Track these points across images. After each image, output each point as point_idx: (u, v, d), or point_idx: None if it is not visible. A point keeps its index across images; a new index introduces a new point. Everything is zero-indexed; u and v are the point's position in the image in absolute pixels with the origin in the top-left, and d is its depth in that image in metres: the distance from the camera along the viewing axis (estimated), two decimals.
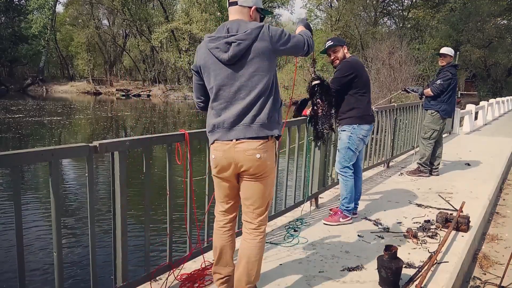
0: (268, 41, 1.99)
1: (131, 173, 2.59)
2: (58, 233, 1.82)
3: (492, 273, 3.01)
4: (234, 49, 1.95)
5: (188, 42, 38.52)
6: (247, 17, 2.11)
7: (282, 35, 2.03)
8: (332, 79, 3.44)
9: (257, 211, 2.11)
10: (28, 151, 1.71)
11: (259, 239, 2.11)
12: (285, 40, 2.04)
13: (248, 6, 2.11)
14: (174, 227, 2.51)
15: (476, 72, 32.85)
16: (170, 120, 22.25)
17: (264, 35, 1.99)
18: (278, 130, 2.10)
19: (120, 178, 2.04)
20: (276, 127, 2.08)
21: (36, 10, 42.60)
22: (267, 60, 2.01)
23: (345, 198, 3.51)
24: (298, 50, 2.12)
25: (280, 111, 2.14)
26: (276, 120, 2.07)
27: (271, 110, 2.03)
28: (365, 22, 37.14)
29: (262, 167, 2.04)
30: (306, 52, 2.15)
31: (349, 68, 3.37)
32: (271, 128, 2.04)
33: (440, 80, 5.20)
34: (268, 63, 2.01)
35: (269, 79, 2.02)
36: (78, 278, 4.08)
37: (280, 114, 2.13)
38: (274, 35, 2.01)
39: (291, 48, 2.08)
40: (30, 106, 25.19)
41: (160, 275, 2.44)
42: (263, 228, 2.13)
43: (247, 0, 2.11)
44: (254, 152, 2.00)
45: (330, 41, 3.48)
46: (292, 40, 2.08)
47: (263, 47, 1.98)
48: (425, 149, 5.42)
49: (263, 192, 2.09)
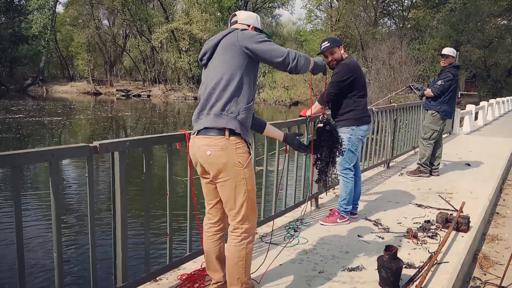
0: (235, 38, 1.99)
1: (131, 173, 2.59)
2: (58, 233, 1.82)
3: (492, 274, 3.01)
4: (204, 47, 2.10)
5: (188, 42, 38.54)
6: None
7: (256, 36, 2.00)
8: (330, 82, 3.41)
9: (231, 213, 2.05)
10: (28, 151, 1.71)
11: (234, 242, 2.04)
12: (258, 40, 1.98)
13: (247, 24, 2.17)
14: (174, 227, 2.51)
15: (476, 72, 32.87)
16: (170, 120, 22.25)
17: (234, 33, 2.01)
18: (234, 125, 1.97)
19: (120, 178, 2.04)
20: (233, 123, 1.96)
21: (36, 11, 42.64)
22: (230, 54, 1.99)
23: (344, 199, 3.51)
24: (273, 57, 1.99)
25: (246, 112, 2.01)
26: (234, 115, 1.97)
27: (227, 103, 1.96)
28: (365, 23, 37.17)
29: (216, 167, 1.97)
30: (284, 65, 2.01)
31: (347, 72, 3.34)
32: (225, 121, 1.96)
33: (441, 80, 5.19)
34: (230, 57, 1.98)
35: (231, 73, 1.97)
36: (78, 278, 4.08)
37: (245, 114, 2.01)
38: (246, 34, 2.00)
39: (264, 50, 1.98)
40: (30, 106, 25.20)
41: (160, 275, 2.44)
42: (239, 232, 2.04)
43: (246, 19, 2.18)
44: (205, 149, 1.98)
45: (327, 42, 3.40)
46: (267, 44, 1.99)
47: (229, 42, 2.01)
48: (425, 149, 5.42)
49: (229, 196, 2.01)
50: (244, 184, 1.99)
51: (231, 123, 1.96)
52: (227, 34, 2.04)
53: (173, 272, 2.51)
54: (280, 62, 1.99)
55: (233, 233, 2.05)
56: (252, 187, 2.04)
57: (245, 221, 2.03)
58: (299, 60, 2.02)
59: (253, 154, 2.81)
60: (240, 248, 2.03)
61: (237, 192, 1.99)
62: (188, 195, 2.49)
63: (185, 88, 39.76)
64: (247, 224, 2.04)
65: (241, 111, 1.99)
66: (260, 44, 1.98)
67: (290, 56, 2.00)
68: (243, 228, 2.03)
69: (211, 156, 1.96)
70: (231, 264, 2.05)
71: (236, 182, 1.98)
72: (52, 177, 1.79)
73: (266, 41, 2.00)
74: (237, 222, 2.03)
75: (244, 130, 2.02)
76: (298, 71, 2.05)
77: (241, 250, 2.03)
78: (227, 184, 1.99)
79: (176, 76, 41.98)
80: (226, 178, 1.98)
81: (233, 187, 1.99)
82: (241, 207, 2.01)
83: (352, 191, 3.53)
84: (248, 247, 2.05)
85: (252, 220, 2.06)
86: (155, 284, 2.38)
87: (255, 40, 1.98)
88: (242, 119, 1.99)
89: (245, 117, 2.01)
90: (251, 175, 2.04)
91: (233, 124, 1.96)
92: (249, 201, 2.02)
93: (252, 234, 2.08)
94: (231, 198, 2.00)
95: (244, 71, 1.99)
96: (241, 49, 1.98)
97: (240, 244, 2.03)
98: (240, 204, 2.01)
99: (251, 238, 2.07)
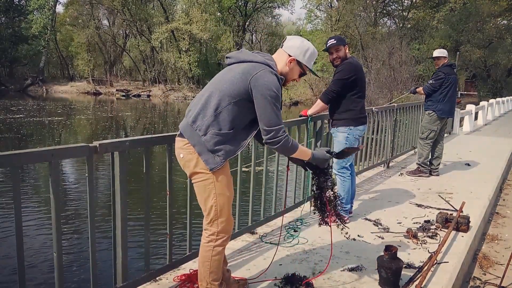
0: (252, 73, 1.90)
1: (131, 173, 2.59)
2: (58, 233, 1.82)
3: (492, 273, 3.01)
4: (236, 54, 2.06)
5: (188, 42, 38.54)
6: (283, 63, 2.07)
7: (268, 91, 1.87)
8: (333, 80, 3.42)
9: (204, 213, 2.06)
10: (28, 151, 1.71)
11: (203, 242, 2.06)
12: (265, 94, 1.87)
13: (288, 54, 2.07)
14: (174, 227, 2.51)
15: (476, 72, 32.86)
16: (170, 120, 22.25)
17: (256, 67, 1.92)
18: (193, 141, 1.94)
19: (120, 178, 2.04)
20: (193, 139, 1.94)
21: (36, 10, 42.63)
22: (236, 78, 1.91)
23: (342, 198, 3.51)
24: (262, 118, 1.90)
25: (216, 138, 1.92)
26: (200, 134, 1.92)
27: (200, 117, 1.93)
28: (365, 23, 37.17)
29: (188, 170, 2.01)
30: (264, 134, 1.92)
31: (351, 70, 3.35)
32: (189, 134, 1.95)
33: (432, 80, 5.34)
34: (233, 82, 1.91)
35: (222, 94, 1.92)
36: (78, 278, 4.08)
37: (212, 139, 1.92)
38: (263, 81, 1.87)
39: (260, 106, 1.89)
40: (30, 106, 25.20)
41: (160, 275, 2.44)
42: (208, 233, 2.03)
43: (291, 48, 2.07)
44: (179, 151, 2.02)
45: (333, 39, 3.42)
46: (269, 105, 1.87)
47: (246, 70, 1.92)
48: (423, 149, 5.44)
49: (200, 197, 2.03)
50: (213, 188, 1.97)
51: (193, 139, 1.94)
52: (253, 61, 1.96)
53: (173, 272, 2.51)
54: (263, 128, 1.91)
55: (204, 232, 2.08)
56: (222, 191, 1.99)
57: (213, 223, 2.02)
58: (280, 144, 1.93)
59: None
60: (207, 249, 2.04)
61: (206, 194, 2.00)
62: (188, 195, 2.49)
63: (185, 88, 39.76)
64: (215, 227, 2.02)
65: (209, 133, 1.92)
66: (263, 99, 1.88)
67: (275, 134, 1.91)
68: (211, 231, 2.03)
69: (183, 158, 2.00)
70: (200, 261, 2.09)
71: (205, 184, 1.98)
72: (52, 177, 1.79)
73: (272, 102, 1.88)
74: (207, 223, 2.04)
75: (202, 150, 1.93)
76: (272, 148, 1.98)
77: (208, 251, 2.04)
78: (197, 186, 2.01)
79: (176, 76, 41.98)
80: (196, 180, 2.00)
81: (202, 189, 2.00)
82: (210, 209, 2.00)
83: (350, 189, 3.54)
84: (215, 250, 2.03)
85: (221, 224, 2.01)
86: (155, 284, 2.38)
87: (263, 93, 1.87)
88: (206, 141, 1.92)
89: (209, 140, 1.92)
90: (222, 179, 1.99)
91: (193, 141, 1.94)
92: (218, 205, 1.99)
93: (221, 239, 2.03)
94: (201, 200, 2.02)
95: (236, 101, 1.91)
96: (247, 84, 1.89)
97: (207, 245, 2.04)
98: (209, 206, 2.00)
99: (220, 242, 2.04)
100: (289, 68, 2.07)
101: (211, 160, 1.94)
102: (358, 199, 4.21)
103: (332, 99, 3.46)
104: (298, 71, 2.12)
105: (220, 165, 1.95)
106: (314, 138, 3.81)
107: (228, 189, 2.03)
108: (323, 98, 3.49)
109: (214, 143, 1.92)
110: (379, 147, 5.60)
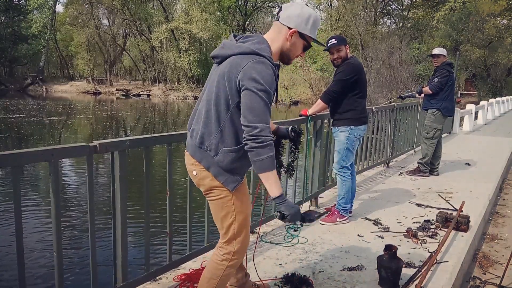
0: (238, 69, 1.65)
1: (131, 173, 2.59)
2: (58, 233, 1.82)
3: (492, 273, 3.02)
4: (218, 51, 1.79)
5: (188, 42, 38.54)
6: (283, 39, 1.77)
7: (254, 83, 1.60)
8: (334, 80, 3.42)
9: (220, 232, 1.90)
10: (28, 151, 1.71)
11: (215, 258, 1.91)
12: (251, 88, 1.61)
13: (287, 26, 1.76)
14: (174, 226, 2.51)
15: (476, 72, 32.86)
16: (170, 119, 22.25)
17: (242, 59, 1.66)
18: (207, 163, 1.76)
19: (120, 178, 2.04)
20: (207, 161, 1.76)
21: (36, 10, 42.61)
22: (225, 80, 1.68)
23: (343, 198, 3.52)
24: (244, 115, 1.63)
25: (227, 155, 1.74)
26: (212, 154, 1.75)
27: (207, 138, 1.75)
28: (365, 22, 37.17)
29: (203, 187, 1.84)
30: (249, 132, 1.61)
31: (352, 71, 3.34)
32: (200, 155, 1.78)
33: (437, 78, 5.25)
34: (224, 86, 1.69)
35: (217, 105, 1.71)
36: (78, 278, 4.08)
37: (224, 157, 1.74)
38: (249, 72, 1.62)
39: (244, 102, 1.63)
40: (30, 106, 25.19)
41: (160, 275, 2.44)
42: (223, 251, 1.88)
43: (289, 18, 1.75)
44: (191, 168, 1.84)
45: (334, 39, 3.40)
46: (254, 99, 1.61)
47: (232, 65, 1.68)
48: (428, 148, 5.41)
49: (216, 215, 1.87)
50: (232, 206, 1.82)
51: (205, 161, 1.77)
52: (242, 53, 1.69)
53: (173, 271, 2.52)
54: (245, 124, 1.63)
55: (218, 250, 1.92)
56: (241, 209, 1.84)
57: (230, 243, 1.87)
58: (260, 146, 1.61)
59: None
60: (219, 267, 1.89)
61: (223, 213, 1.84)
62: (188, 195, 2.49)
63: (185, 87, 39.76)
64: (232, 246, 1.87)
65: (220, 152, 1.74)
66: (249, 93, 1.61)
67: (259, 132, 1.60)
68: (227, 250, 1.88)
69: (197, 176, 1.83)
70: (205, 276, 1.94)
71: (223, 202, 1.82)
72: (52, 177, 1.79)
73: (259, 96, 1.61)
74: (223, 242, 1.89)
75: (217, 171, 1.77)
76: (250, 148, 1.62)
77: (219, 269, 1.89)
78: (214, 203, 1.85)
79: (176, 76, 41.97)
80: (213, 197, 1.84)
81: (218, 207, 1.84)
82: (228, 228, 1.85)
83: (350, 189, 3.55)
84: (227, 270, 1.90)
85: (237, 244, 1.87)
86: (155, 284, 2.38)
87: (249, 86, 1.61)
88: (219, 161, 1.74)
89: (223, 160, 1.74)
90: (241, 197, 1.84)
91: (206, 163, 1.77)
92: (237, 224, 1.84)
93: (235, 259, 1.90)
94: (218, 218, 1.87)
95: (234, 106, 1.69)
96: (237, 83, 1.65)
97: (221, 263, 1.89)
98: (227, 225, 1.85)
99: (234, 262, 1.90)
100: (290, 43, 1.78)
101: (229, 179, 1.78)
102: (358, 199, 4.21)
103: (332, 99, 3.46)
104: (302, 44, 1.81)
105: (240, 181, 1.81)
106: (314, 137, 3.82)
107: (247, 207, 1.90)
108: (324, 98, 3.49)
109: (230, 161, 1.75)
110: (379, 147, 5.60)
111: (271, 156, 1.64)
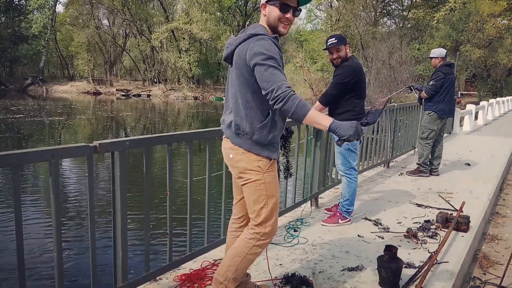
0: (245, 53, 1.82)
1: (131, 173, 2.59)
2: (58, 233, 1.82)
3: (492, 273, 3.02)
4: (226, 50, 1.96)
5: (188, 42, 38.59)
6: (262, 16, 1.95)
7: (260, 56, 1.76)
8: (332, 83, 3.39)
9: (251, 215, 2.01)
10: (28, 151, 1.71)
11: (244, 236, 2.01)
12: (259, 62, 1.76)
13: (262, 3, 1.93)
14: (174, 227, 2.51)
15: (476, 72, 32.87)
16: (170, 120, 22.25)
17: (246, 44, 1.83)
18: (247, 146, 1.92)
19: (120, 178, 2.04)
20: (247, 144, 1.92)
21: (36, 10, 42.72)
22: (238, 69, 1.87)
23: (347, 199, 3.50)
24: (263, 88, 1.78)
25: (261, 131, 1.90)
26: (249, 136, 1.91)
27: (240, 123, 1.91)
28: (365, 22, 37.19)
29: (237, 170, 1.97)
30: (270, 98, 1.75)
31: (350, 74, 3.31)
32: (240, 141, 1.93)
33: (432, 81, 5.29)
34: (239, 73, 1.87)
35: (241, 92, 1.89)
36: (78, 278, 4.08)
37: (260, 134, 1.90)
38: (254, 49, 1.78)
39: (259, 78, 1.78)
40: (30, 106, 25.20)
41: (160, 275, 2.44)
42: (253, 231, 1.99)
43: None
44: (228, 151, 1.99)
45: (334, 38, 3.37)
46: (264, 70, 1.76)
47: (239, 55, 1.85)
48: (423, 149, 5.44)
49: (249, 199, 1.98)
50: (264, 189, 1.94)
51: (246, 144, 1.93)
52: (243, 41, 1.87)
53: (173, 272, 2.51)
54: (265, 93, 1.78)
55: (247, 229, 2.02)
56: (273, 192, 1.97)
57: (261, 225, 1.98)
58: (285, 101, 1.73)
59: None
60: (246, 244, 1.99)
61: (255, 196, 1.95)
62: (188, 195, 2.49)
63: (185, 87, 39.80)
64: (263, 228, 1.98)
65: (256, 131, 1.90)
66: (258, 67, 1.77)
67: (276, 91, 1.74)
68: (257, 230, 1.99)
69: (233, 159, 1.97)
70: (230, 254, 2.03)
71: (256, 186, 1.94)
72: (52, 177, 1.79)
73: (267, 64, 1.76)
74: (255, 224, 1.99)
75: (258, 148, 1.93)
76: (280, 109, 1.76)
77: (246, 247, 1.99)
78: (247, 187, 1.97)
79: (176, 76, 42.01)
80: (246, 181, 1.96)
81: (252, 190, 1.95)
82: (260, 211, 1.96)
83: (355, 191, 3.52)
84: (253, 249, 1.99)
85: (268, 227, 1.98)
86: (155, 284, 2.38)
87: (256, 62, 1.77)
88: (257, 139, 1.91)
89: (260, 136, 1.91)
90: (272, 180, 1.97)
91: (247, 145, 1.92)
92: (268, 208, 1.96)
93: (263, 240, 1.99)
94: (250, 201, 1.98)
95: (253, 88, 1.86)
96: (247, 65, 1.82)
97: (249, 241, 1.99)
98: (259, 208, 1.96)
99: (261, 243, 1.99)
100: (266, 15, 1.91)
101: (271, 150, 1.96)
102: (358, 199, 4.20)
103: (330, 101, 3.45)
104: (276, 9, 1.88)
105: (277, 151, 1.99)
106: (314, 137, 3.82)
107: (277, 191, 2.01)
108: (322, 100, 3.49)
109: (266, 134, 1.91)
110: (379, 147, 5.60)
111: (298, 103, 1.76)
